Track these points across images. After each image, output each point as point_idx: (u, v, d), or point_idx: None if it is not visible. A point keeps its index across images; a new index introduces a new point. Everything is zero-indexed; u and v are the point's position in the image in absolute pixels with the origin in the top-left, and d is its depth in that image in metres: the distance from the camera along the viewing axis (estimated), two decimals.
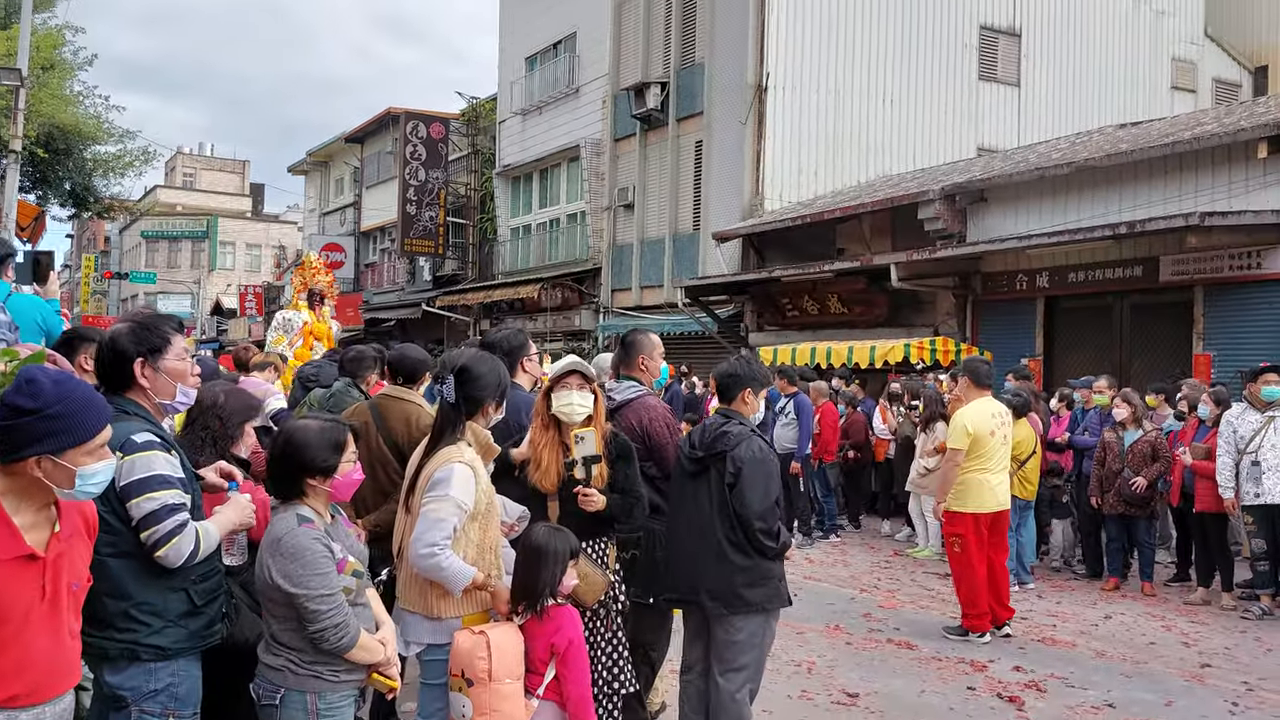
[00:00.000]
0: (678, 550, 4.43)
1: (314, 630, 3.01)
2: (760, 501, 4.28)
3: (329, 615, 3.00)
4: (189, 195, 65.73)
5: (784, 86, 18.69)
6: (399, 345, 5.50)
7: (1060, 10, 21.18)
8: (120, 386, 3.16)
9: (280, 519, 3.13)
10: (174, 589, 3.04)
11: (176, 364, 3.22)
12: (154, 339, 3.17)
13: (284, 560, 3.01)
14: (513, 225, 26.33)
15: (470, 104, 29.19)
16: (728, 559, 4.29)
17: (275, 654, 3.10)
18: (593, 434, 4.13)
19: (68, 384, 2.42)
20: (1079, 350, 13.33)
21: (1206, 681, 6.44)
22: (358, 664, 3.12)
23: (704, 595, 4.31)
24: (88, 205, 23.77)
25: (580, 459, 4.09)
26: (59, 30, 21.45)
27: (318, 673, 3.07)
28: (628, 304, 21.73)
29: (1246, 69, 23.13)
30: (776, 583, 4.38)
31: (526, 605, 3.54)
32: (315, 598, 2.99)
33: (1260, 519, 8.13)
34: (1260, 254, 11.16)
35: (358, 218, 35.38)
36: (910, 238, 15.09)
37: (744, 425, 4.43)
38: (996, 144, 20.15)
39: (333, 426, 3.27)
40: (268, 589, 3.06)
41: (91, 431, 2.40)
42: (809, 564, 10.15)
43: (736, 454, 4.30)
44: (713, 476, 4.36)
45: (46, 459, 2.34)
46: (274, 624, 3.11)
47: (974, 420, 7.30)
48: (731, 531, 4.30)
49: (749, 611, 4.31)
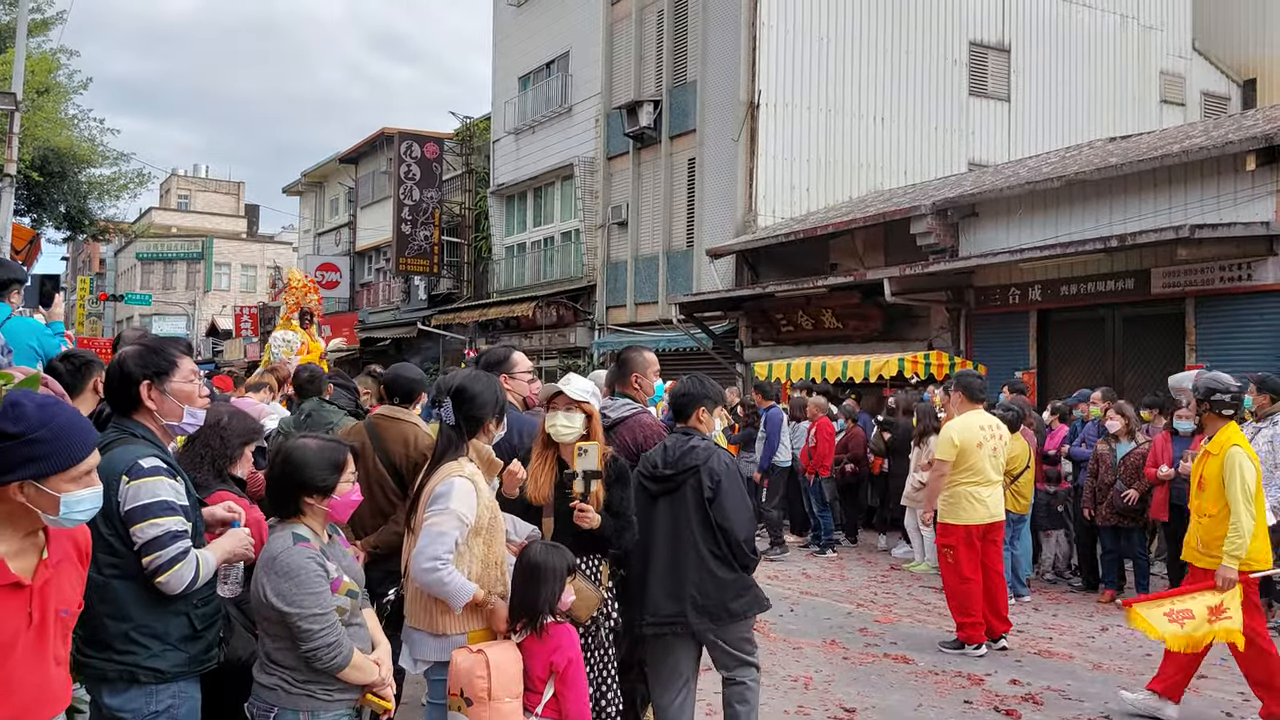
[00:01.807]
0: (658, 573, 4.42)
1: (307, 649, 3.02)
2: (740, 512, 4.37)
3: (321, 635, 3.01)
4: (184, 217, 65.76)
5: (776, 103, 18.80)
6: (394, 365, 5.53)
7: (1049, 25, 21.34)
8: (127, 409, 3.18)
9: (276, 537, 3.14)
10: (176, 613, 3.06)
11: (184, 386, 3.24)
12: (160, 361, 3.20)
13: (278, 578, 3.02)
14: (507, 244, 26.39)
15: (464, 123, 29.33)
16: (714, 574, 4.34)
17: (269, 673, 3.11)
18: (596, 447, 4.14)
19: (52, 408, 2.37)
20: (1072, 363, 13.38)
21: (1202, 692, 6.47)
22: (351, 684, 3.13)
23: (692, 614, 4.33)
24: (83, 228, 23.77)
25: (581, 472, 4.10)
26: (53, 54, 21.52)
27: (311, 691, 3.07)
28: (622, 321, 21.77)
29: (1235, 82, 23.28)
30: (754, 589, 4.50)
31: (526, 623, 3.56)
32: (308, 616, 3.00)
33: None
34: (1250, 265, 11.23)
35: (353, 238, 35.44)
36: (903, 252, 15.15)
37: (706, 440, 4.51)
38: (987, 158, 20.26)
39: (333, 446, 3.28)
40: (262, 607, 3.07)
41: (76, 457, 2.35)
42: (806, 579, 10.16)
43: (711, 467, 4.38)
44: (687, 494, 4.40)
45: (30, 484, 2.29)
46: (268, 642, 3.12)
47: (960, 433, 7.37)
48: (715, 545, 4.34)
49: (735, 622, 4.43)
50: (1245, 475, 5.55)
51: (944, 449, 7.42)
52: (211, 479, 3.75)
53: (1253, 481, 5.59)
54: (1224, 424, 5.77)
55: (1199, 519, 5.84)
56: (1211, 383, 5.79)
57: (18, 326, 5.06)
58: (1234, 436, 5.72)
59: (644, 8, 21.43)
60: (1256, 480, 5.65)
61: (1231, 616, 5.45)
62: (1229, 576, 5.49)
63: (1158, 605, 5.65)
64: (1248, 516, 5.52)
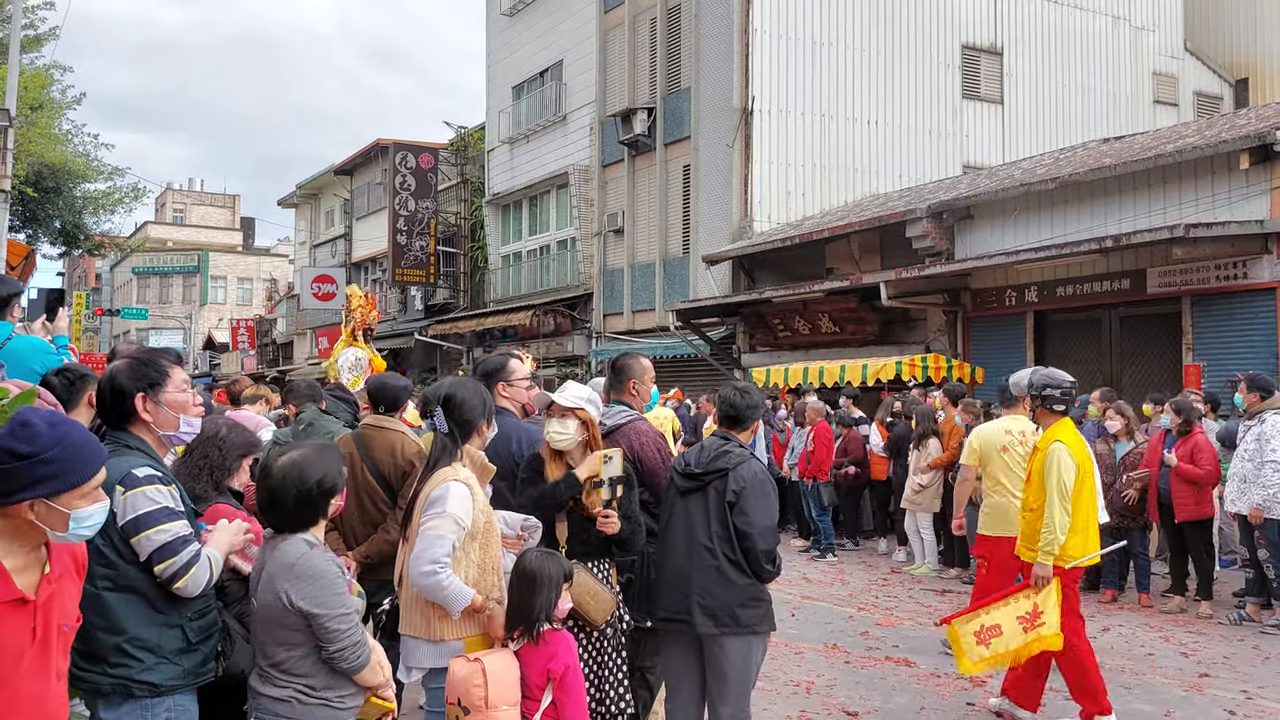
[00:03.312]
0: (670, 569, 4.43)
1: (335, 649, 3.02)
2: (763, 520, 4.33)
3: (348, 634, 3.04)
4: (180, 231, 65.78)
5: (770, 109, 18.84)
6: (376, 374, 5.56)
7: (1041, 28, 21.40)
8: (121, 422, 3.20)
9: (288, 544, 3.11)
10: (170, 625, 3.04)
11: (177, 396, 3.26)
12: (152, 373, 3.22)
13: (302, 583, 3.02)
14: (503, 253, 26.40)
15: (459, 133, 29.38)
16: (727, 577, 4.31)
17: (280, 684, 3.07)
18: (619, 454, 4.17)
19: (62, 426, 2.38)
20: (1069, 363, 13.30)
21: (1205, 691, 6.45)
22: (362, 687, 3.13)
23: (697, 613, 4.30)
24: (78, 243, 23.77)
25: (608, 479, 4.12)
26: (47, 70, 21.55)
27: (326, 700, 3.07)
28: (620, 328, 21.77)
29: (1227, 82, 23.34)
30: (767, 605, 4.41)
31: (523, 631, 3.55)
32: (336, 616, 3.02)
33: (1241, 527, 8.20)
34: (1245, 264, 11.25)
35: (348, 249, 35.44)
36: (899, 256, 15.16)
37: (743, 448, 4.52)
38: (982, 161, 20.29)
39: (324, 446, 3.32)
40: (282, 615, 3.04)
41: (88, 474, 2.37)
42: (807, 583, 10.14)
43: (739, 473, 4.36)
44: (710, 495, 4.39)
45: (40, 502, 2.31)
46: (280, 652, 3.08)
47: (983, 437, 7.11)
48: (731, 550, 4.32)
49: (740, 632, 4.32)
50: (1063, 472, 5.41)
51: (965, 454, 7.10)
52: (209, 491, 3.75)
53: (1071, 479, 5.42)
54: (1056, 420, 5.59)
55: (1024, 513, 5.74)
56: (1045, 379, 5.62)
57: (21, 346, 5.03)
58: (1060, 433, 5.54)
59: (637, 15, 21.48)
60: (1079, 477, 5.46)
61: (1045, 622, 5.34)
62: (1041, 574, 5.40)
63: (974, 619, 5.50)
64: (1062, 513, 5.39)
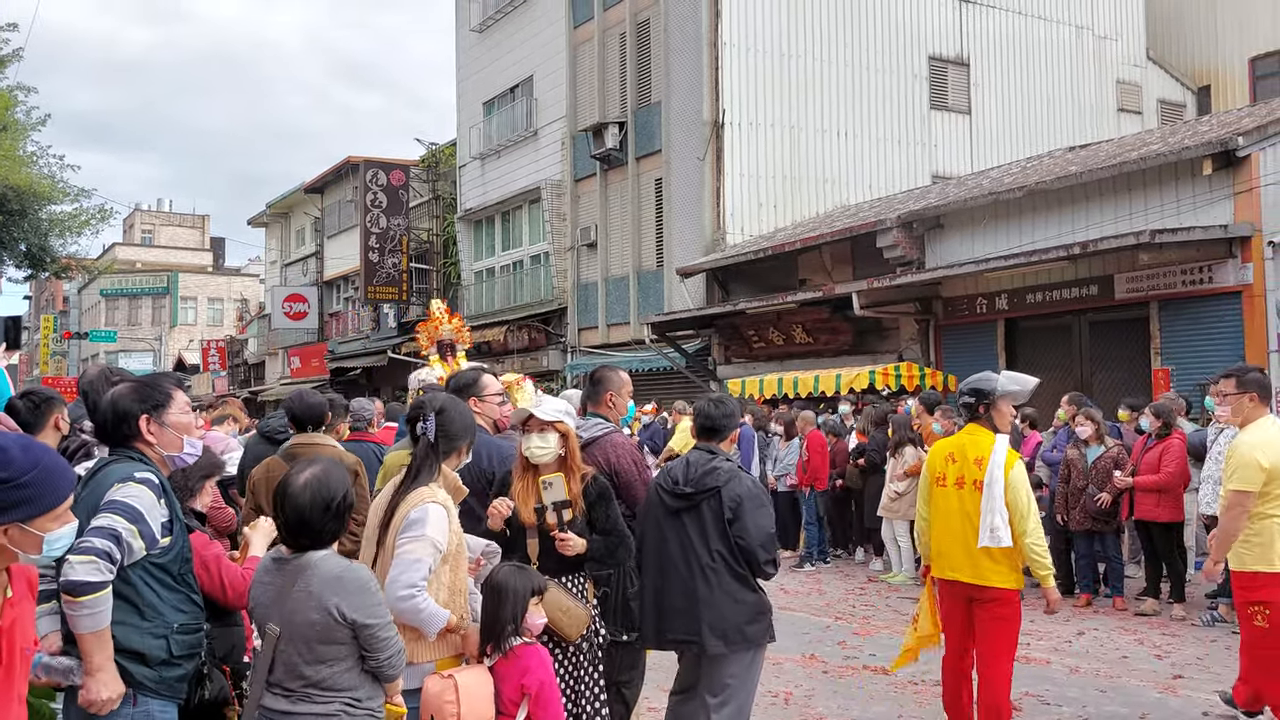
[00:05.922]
0: (669, 590, 4.40)
1: (385, 658, 3.04)
2: (763, 533, 4.37)
3: (395, 641, 3.08)
4: (148, 252, 65.20)
5: (740, 122, 18.93)
6: (294, 394, 5.51)
7: (1006, 39, 21.65)
8: (123, 443, 3.26)
9: (325, 560, 3.05)
10: (156, 635, 3.08)
11: (181, 418, 3.35)
12: (156, 396, 3.32)
13: (354, 595, 2.99)
14: (476, 269, 26.34)
15: (430, 150, 29.29)
16: (735, 598, 4.32)
17: (323, 701, 2.99)
18: (560, 479, 4.13)
19: (35, 450, 2.37)
20: (1040, 369, 13.36)
21: (1179, 693, 6.49)
22: (392, 692, 3.15)
23: (708, 635, 4.30)
24: (45, 266, 23.53)
25: (550, 505, 4.10)
26: (10, 91, 21.36)
27: (371, 710, 3.07)
28: (595, 342, 21.76)
29: (1189, 89, 23.68)
30: (769, 617, 4.47)
31: (494, 646, 3.52)
32: (385, 625, 3.05)
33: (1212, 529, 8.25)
34: (1211, 268, 11.39)
35: (320, 267, 35.25)
36: (870, 266, 15.25)
37: (730, 460, 4.50)
38: (950, 171, 20.46)
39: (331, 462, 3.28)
40: (330, 630, 2.96)
41: (61, 497, 2.36)
42: (784, 594, 10.13)
43: (732, 490, 4.35)
44: (705, 514, 4.37)
45: (15, 526, 2.28)
46: (322, 669, 2.99)
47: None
48: (736, 565, 4.33)
49: (748, 648, 4.38)
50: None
51: (1251, 475, 5.29)
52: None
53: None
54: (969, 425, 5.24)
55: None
56: (966, 384, 5.33)
57: None
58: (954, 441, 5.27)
59: (606, 30, 21.55)
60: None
61: (919, 624, 5.37)
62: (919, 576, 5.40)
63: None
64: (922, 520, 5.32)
